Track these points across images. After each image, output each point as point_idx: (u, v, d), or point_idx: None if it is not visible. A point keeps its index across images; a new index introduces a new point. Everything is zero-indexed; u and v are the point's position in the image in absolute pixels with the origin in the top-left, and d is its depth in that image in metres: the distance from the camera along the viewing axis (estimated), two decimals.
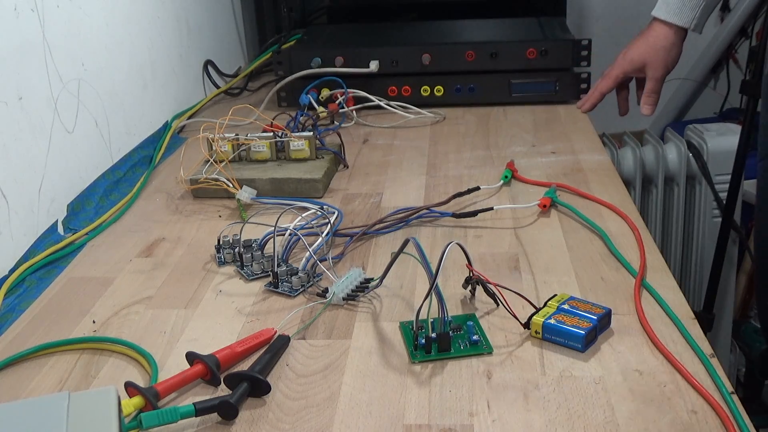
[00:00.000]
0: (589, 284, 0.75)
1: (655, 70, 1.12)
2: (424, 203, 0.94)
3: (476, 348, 0.66)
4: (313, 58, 1.30)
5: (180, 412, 0.57)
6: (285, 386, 0.63)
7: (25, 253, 0.85)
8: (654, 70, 1.12)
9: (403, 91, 1.30)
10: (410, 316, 0.70)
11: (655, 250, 0.80)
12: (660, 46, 1.11)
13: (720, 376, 0.60)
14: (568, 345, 0.65)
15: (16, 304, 0.78)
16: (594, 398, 0.59)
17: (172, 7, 1.29)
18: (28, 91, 0.88)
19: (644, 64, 1.12)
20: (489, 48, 1.28)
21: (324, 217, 0.88)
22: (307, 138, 1.03)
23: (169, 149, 1.18)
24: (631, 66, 1.14)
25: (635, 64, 1.14)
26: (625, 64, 1.15)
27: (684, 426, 0.56)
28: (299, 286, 0.77)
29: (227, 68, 1.52)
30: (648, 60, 1.12)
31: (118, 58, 1.11)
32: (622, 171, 1.60)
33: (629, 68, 1.14)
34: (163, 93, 1.26)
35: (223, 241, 0.85)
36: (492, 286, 0.71)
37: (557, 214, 0.90)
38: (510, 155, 1.09)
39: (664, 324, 0.68)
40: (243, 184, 0.97)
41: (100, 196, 1.00)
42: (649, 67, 1.12)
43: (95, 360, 0.68)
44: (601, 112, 1.23)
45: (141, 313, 0.75)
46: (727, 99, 2.07)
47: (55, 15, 0.94)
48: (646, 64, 1.12)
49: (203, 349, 0.66)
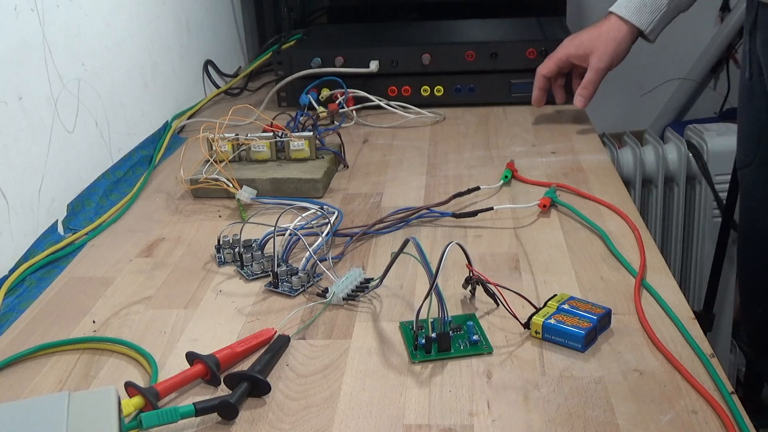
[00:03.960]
0: (589, 284, 0.75)
1: (599, 59, 1.09)
2: (424, 203, 0.94)
3: (476, 348, 0.66)
4: (313, 58, 1.30)
5: (180, 412, 0.57)
6: (285, 386, 0.63)
7: (25, 253, 0.85)
8: (598, 59, 1.10)
9: (403, 91, 1.30)
10: (410, 316, 0.70)
11: (655, 250, 0.80)
12: (611, 36, 1.08)
13: (720, 376, 0.60)
14: (568, 345, 0.65)
15: (16, 304, 0.78)
16: (594, 398, 0.59)
17: (172, 7, 1.29)
18: (28, 91, 0.88)
19: (590, 51, 1.10)
20: (489, 48, 1.28)
21: (324, 217, 0.88)
22: (307, 138, 1.03)
23: (169, 149, 1.18)
24: (576, 50, 1.11)
25: (581, 48, 1.11)
26: (571, 46, 1.12)
27: (684, 426, 0.56)
28: (299, 286, 0.77)
29: (227, 68, 1.52)
30: (595, 46, 1.09)
31: (118, 58, 1.11)
32: (622, 171, 1.60)
33: (574, 52, 1.12)
34: (163, 93, 1.26)
35: (223, 241, 0.85)
36: (492, 286, 0.71)
37: (557, 214, 0.90)
38: (510, 155, 1.09)
39: (664, 324, 0.68)
40: (243, 184, 0.97)
41: (100, 196, 1.01)
42: (594, 54, 1.10)
43: (95, 360, 0.68)
44: (601, 112, 1.24)
45: (141, 313, 0.75)
46: (727, 99, 2.07)
47: (55, 15, 0.94)
48: (592, 50, 1.10)
49: (203, 349, 0.66)
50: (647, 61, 2.00)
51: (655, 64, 2.02)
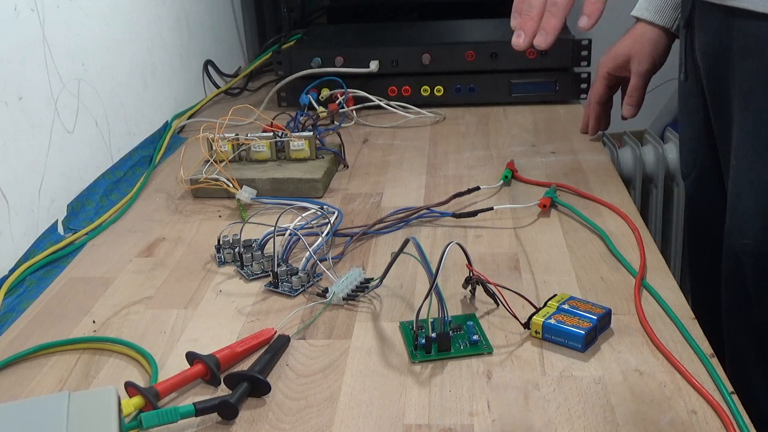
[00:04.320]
0: (589, 284, 0.75)
1: (640, 63, 1.06)
2: (424, 203, 0.94)
3: (476, 348, 0.66)
4: (313, 58, 1.30)
5: (180, 412, 0.57)
6: (285, 386, 0.63)
7: (25, 253, 0.85)
8: (639, 64, 1.06)
9: (403, 91, 1.30)
10: (410, 316, 0.70)
11: (655, 250, 0.80)
12: (646, 39, 1.05)
13: (720, 376, 0.60)
14: (568, 345, 0.65)
15: (16, 304, 0.78)
16: (594, 398, 0.59)
17: (172, 7, 1.29)
18: (28, 91, 0.88)
19: (629, 57, 1.06)
20: (489, 48, 1.28)
21: (324, 217, 0.88)
22: (307, 138, 1.03)
23: (169, 149, 1.18)
24: (615, 61, 1.08)
25: (619, 58, 1.07)
26: (609, 60, 1.09)
27: (684, 426, 0.56)
28: (299, 286, 0.77)
29: (227, 68, 1.52)
30: (633, 52, 1.06)
31: (118, 58, 1.11)
32: (622, 171, 1.59)
33: (613, 64, 1.08)
34: (163, 93, 1.26)
35: (223, 241, 0.85)
36: (492, 286, 0.70)
37: (557, 214, 0.90)
38: (510, 155, 1.09)
39: (664, 324, 0.68)
40: (243, 184, 0.97)
41: (100, 196, 1.01)
42: (634, 60, 1.06)
43: (95, 360, 0.68)
44: None
45: (141, 313, 0.75)
46: None
47: (55, 15, 0.94)
48: (631, 56, 1.06)
49: (203, 349, 0.66)
50: None
51: None
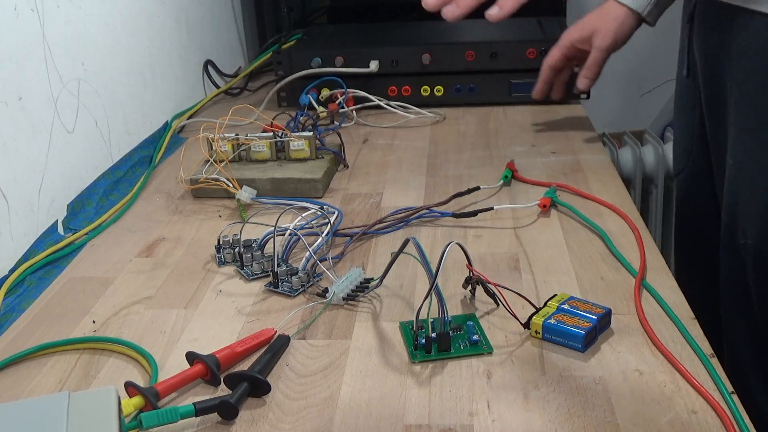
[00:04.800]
0: (589, 284, 0.75)
1: (603, 39, 1.07)
2: (424, 203, 0.94)
3: (476, 348, 0.66)
4: (313, 58, 1.30)
5: (180, 412, 0.57)
6: (285, 386, 0.63)
7: (25, 253, 0.85)
8: (601, 39, 1.07)
9: (403, 91, 1.30)
10: (410, 316, 0.70)
11: (655, 250, 0.80)
12: (612, 16, 1.06)
13: (720, 376, 0.60)
14: (568, 345, 0.65)
15: (16, 304, 0.78)
16: (594, 398, 0.59)
17: (171, 7, 1.29)
18: (28, 91, 0.88)
19: (593, 31, 1.08)
20: (489, 48, 1.28)
21: (324, 217, 0.88)
22: (307, 138, 1.03)
23: (169, 149, 1.18)
24: (579, 33, 1.09)
25: (584, 30, 1.09)
26: (574, 30, 1.10)
27: (684, 426, 0.56)
28: (299, 286, 0.77)
29: (227, 68, 1.52)
30: (597, 27, 1.07)
31: (118, 58, 1.11)
32: (622, 171, 1.60)
33: (577, 35, 1.10)
34: (163, 93, 1.26)
35: (223, 241, 0.85)
36: (492, 286, 0.71)
37: (557, 214, 0.90)
38: (510, 155, 1.09)
39: (664, 324, 0.68)
40: (243, 184, 0.97)
41: (100, 196, 1.01)
42: (597, 34, 1.07)
43: (95, 360, 0.68)
44: (601, 112, 1.23)
45: (141, 313, 0.75)
46: None
47: (55, 15, 0.94)
48: (594, 30, 1.07)
49: (203, 349, 0.66)
50: (647, 61, 2.00)
51: (655, 64, 2.02)
